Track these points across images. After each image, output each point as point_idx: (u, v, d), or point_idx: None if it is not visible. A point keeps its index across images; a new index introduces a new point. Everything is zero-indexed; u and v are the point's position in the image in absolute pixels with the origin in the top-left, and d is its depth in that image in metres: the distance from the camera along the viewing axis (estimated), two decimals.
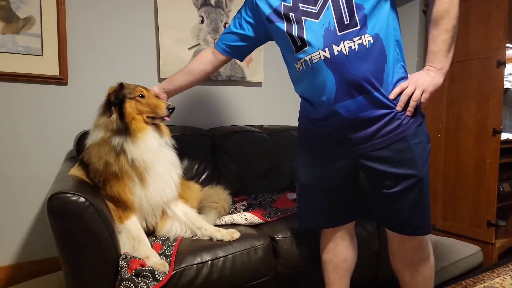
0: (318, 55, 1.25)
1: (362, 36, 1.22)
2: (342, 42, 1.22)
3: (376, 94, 1.24)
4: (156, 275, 1.29)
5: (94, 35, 2.12)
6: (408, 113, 1.26)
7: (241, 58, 1.69)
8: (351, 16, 1.22)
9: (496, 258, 2.45)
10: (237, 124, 2.49)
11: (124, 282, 1.24)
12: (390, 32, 1.27)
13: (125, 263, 1.29)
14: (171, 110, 1.57)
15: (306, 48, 1.28)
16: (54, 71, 2.00)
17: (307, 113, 1.44)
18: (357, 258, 1.58)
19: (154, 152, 1.53)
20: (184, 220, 1.62)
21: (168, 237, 1.58)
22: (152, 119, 1.57)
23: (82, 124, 2.10)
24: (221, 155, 2.21)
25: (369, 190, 1.43)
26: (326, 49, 1.24)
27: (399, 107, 1.26)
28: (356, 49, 1.22)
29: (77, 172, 1.51)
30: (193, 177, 2.07)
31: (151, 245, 1.46)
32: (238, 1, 2.49)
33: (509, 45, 2.41)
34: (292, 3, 1.30)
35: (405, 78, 1.32)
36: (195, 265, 1.40)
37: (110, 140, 1.48)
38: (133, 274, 1.26)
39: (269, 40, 1.57)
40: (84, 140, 1.73)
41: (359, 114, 1.26)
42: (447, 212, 2.72)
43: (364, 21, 1.22)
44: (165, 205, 1.60)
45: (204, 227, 1.59)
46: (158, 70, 2.32)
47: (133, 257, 1.34)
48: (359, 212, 1.88)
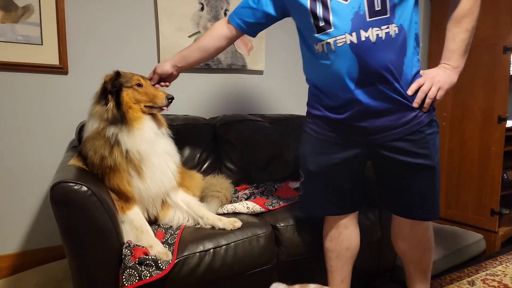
0: (344, 39, 1.20)
1: (390, 25, 1.20)
2: (371, 29, 1.19)
3: (396, 85, 1.24)
4: (159, 264, 1.29)
5: (94, 24, 2.10)
6: (424, 110, 1.28)
7: (254, 35, 1.62)
8: (383, 3, 1.19)
9: (499, 246, 2.45)
10: (239, 113, 2.47)
11: (128, 270, 1.25)
12: (412, 25, 1.26)
13: (129, 251, 1.30)
14: (170, 100, 1.54)
15: (331, 30, 1.22)
16: (54, 60, 1.98)
17: (320, 99, 1.40)
18: (360, 247, 1.59)
19: (150, 143, 1.50)
20: (186, 209, 1.62)
21: (171, 226, 1.59)
22: (150, 109, 1.55)
23: (84, 113, 2.08)
24: (223, 144, 2.21)
25: (378, 179, 1.46)
26: (354, 34, 1.19)
27: (416, 104, 1.26)
28: (383, 38, 1.20)
29: (76, 163, 1.50)
30: (195, 167, 2.07)
31: (154, 234, 1.46)
32: None
33: None
34: None
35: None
36: (198, 253, 1.40)
37: (105, 131, 1.45)
38: (137, 263, 1.27)
39: (287, 17, 1.49)
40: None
41: (378, 103, 1.25)
42: (451, 200, 2.71)
43: (393, 10, 1.20)
44: (165, 195, 1.60)
45: (206, 216, 1.59)
46: (159, 59, 2.30)
47: (136, 245, 1.35)
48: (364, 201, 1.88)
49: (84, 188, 1.21)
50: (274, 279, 1.58)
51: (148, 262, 1.28)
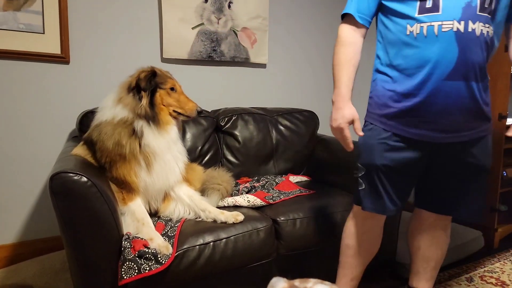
0: (451, 25, 1.17)
1: (490, 26, 1.19)
2: (478, 23, 1.17)
3: (480, 86, 1.24)
4: (159, 258, 1.29)
5: (96, 13, 2.08)
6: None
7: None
8: (491, 3, 1.18)
9: (497, 243, 2.45)
10: (241, 106, 2.46)
11: (127, 263, 1.25)
12: (499, 37, 1.26)
13: (128, 244, 1.30)
14: (199, 113, 1.58)
15: (437, 14, 1.18)
16: (56, 50, 1.97)
17: (396, 86, 1.29)
18: None
19: (170, 144, 1.54)
20: (188, 202, 1.62)
21: (171, 218, 1.59)
22: (178, 115, 1.58)
23: (85, 104, 2.08)
24: (225, 137, 2.20)
25: (427, 180, 1.44)
26: (462, 23, 1.16)
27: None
28: (485, 35, 1.18)
29: (82, 152, 1.50)
30: (196, 159, 2.06)
31: (154, 225, 1.46)
32: None
33: None
34: None
35: None
36: (197, 246, 1.40)
37: (131, 122, 1.46)
38: (136, 255, 1.27)
39: None
40: (87, 120, 1.72)
41: (464, 100, 1.22)
42: None
43: (494, 14, 1.20)
44: (169, 189, 1.61)
45: (208, 209, 1.59)
46: (161, 50, 2.28)
47: (136, 237, 1.35)
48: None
49: (84, 179, 1.20)
50: (274, 273, 1.58)
51: (148, 256, 1.28)
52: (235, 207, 1.71)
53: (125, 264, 1.25)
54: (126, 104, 1.48)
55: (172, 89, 1.56)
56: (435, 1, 1.19)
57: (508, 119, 2.43)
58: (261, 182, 2.06)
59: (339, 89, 1.38)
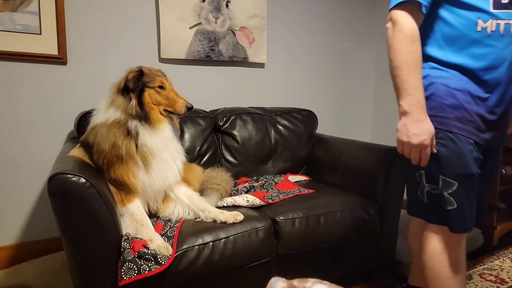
0: None
1: None
2: None
3: None
4: (159, 259, 1.29)
5: (93, 13, 2.08)
6: None
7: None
8: None
9: (497, 241, 2.46)
10: (239, 106, 2.46)
11: (127, 263, 1.25)
12: None
13: (128, 244, 1.29)
14: (189, 109, 1.56)
15: None
16: (53, 50, 1.96)
17: (468, 87, 1.18)
18: (359, 239, 1.56)
19: (166, 142, 1.54)
20: (187, 203, 1.62)
21: (170, 219, 1.59)
22: (168, 113, 1.57)
23: (82, 104, 2.08)
24: (223, 137, 2.20)
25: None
26: None
27: None
28: None
29: (79, 154, 1.50)
30: (195, 159, 2.06)
31: (153, 225, 1.46)
32: None
33: None
34: None
35: None
36: (197, 246, 1.40)
37: (125, 123, 1.47)
38: (136, 256, 1.27)
39: None
40: (85, 121, 1.72)
41: None
42: None
43: None
44: (168, 190, 1.60)
45: (208, 209, 1.59)
46: (159, 50, 2.28)
47: (135, 238, 1.35)
48: (363, 195, 1.89)
49: (83, 180, 1.20)
50: (273, 273, 1.58)
51: (147, 257, 1.28)
52: (234, 207, 1.71)
53: (125, 265, 1.25)
54: (118, 106, 1.49)
55: (161, 87, 1.54)
56: None
57: None
58: (260, 182, 2.06)
59: (414, 97, 1.14)
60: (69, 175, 1.18)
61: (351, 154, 2.08)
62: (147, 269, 1.26)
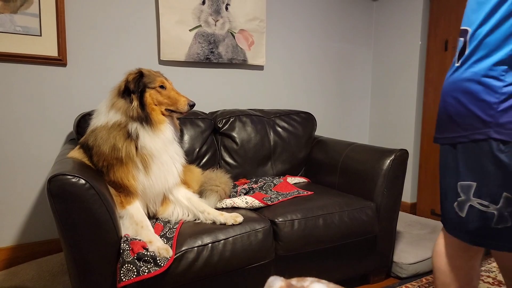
0: None
1: None
2: None
3: None
4: (158, 261, 1.29)
5: (94, 15, 2.08)
6: None
7: None
8: None
9: None
10: (239, 108, 2.47)
11: (126, 265, 1.25)
12: None
13: (127, 246, 1.30)
14: (192, 107, 1.56)
15: None
16: (53, 52, 1.97)
17: None
18: (357, 240, 1.54)
19: (166, 144, 1.54)
20: (187, 205, 1.62)
21: (169, 220, 1.59)
22: (171, 112, 1.57)
23: (82, 106, 2.09)
24: (222, 139, 2.21)
25: None
26: None
27: None
28: None
29: (78, 155, 1.50)
30: (194, 161, 2.07)
31: (153, 227, 1.46)
32: None
33: None
34: None
35: None
36: (196, 248, 1.40)
37: (125, 125, 1.47)
38: (136, 258, 1.27)
39: None
40: (85, 123, 1.72)
41: None
42: None
43: None
44: (168, 192, 1.61)
45: (207, 211, 1.59)
46: (159, 52, 2.29)
47: (134, 239, 1.35)
48: (361, 196, 1.89)
49: (82, 181, 1.20)
50: (272, 274, 1.58)
51: (147, 258, 1.28)
52: (233, 209, 1.72)
53: (124, 267, 1.25)
54: (119, 108, 1.49)
55: (162, 87, 1.55)
56: None
57: None
58: (259, 184, 2.06)
59: None
60: (69, 176, 1.19)
61: (350, 156, 2.09)
62: (146, 271, 1.26)
